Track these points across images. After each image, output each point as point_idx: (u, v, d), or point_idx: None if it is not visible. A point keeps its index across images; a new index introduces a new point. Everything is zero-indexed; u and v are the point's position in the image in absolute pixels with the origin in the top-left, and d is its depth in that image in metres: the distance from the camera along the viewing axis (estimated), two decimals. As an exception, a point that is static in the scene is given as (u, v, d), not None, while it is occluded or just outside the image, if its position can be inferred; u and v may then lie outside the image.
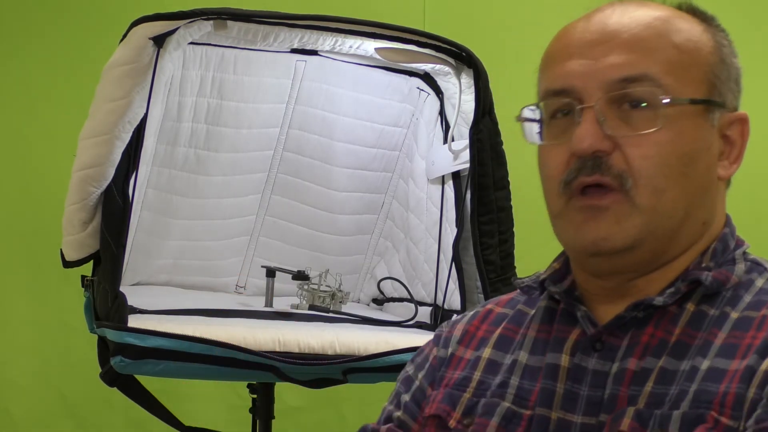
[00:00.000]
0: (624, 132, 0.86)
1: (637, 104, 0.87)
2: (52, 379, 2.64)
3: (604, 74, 0.87)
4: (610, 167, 0.86)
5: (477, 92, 1.71)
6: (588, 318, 0.90)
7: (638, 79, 0.87)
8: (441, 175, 1.88)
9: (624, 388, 0.84)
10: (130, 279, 1.95)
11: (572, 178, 0.87)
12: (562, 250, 0.98)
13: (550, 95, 0.93)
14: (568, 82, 0.90)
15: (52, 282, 2.53)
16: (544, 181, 0.93)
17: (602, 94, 0.87)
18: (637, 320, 0.87)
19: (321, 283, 1.92)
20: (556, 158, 0.90)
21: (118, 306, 1.52)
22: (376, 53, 1.78)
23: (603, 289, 0.91)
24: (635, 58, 0.87)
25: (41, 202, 2.58)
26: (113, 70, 1.55)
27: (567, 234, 0.90)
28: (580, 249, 0.89)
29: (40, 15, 2.71)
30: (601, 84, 0.87)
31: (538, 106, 0.95)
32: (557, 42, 0.96)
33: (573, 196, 0.88)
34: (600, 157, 0.86)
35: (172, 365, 1.50)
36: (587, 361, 0.88)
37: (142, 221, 1.94)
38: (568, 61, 0.90)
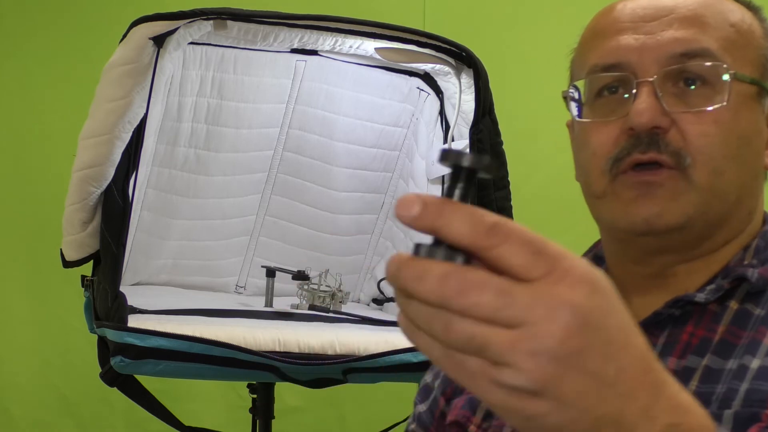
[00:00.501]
0: (682, 108, 0.83)
1: (694, 81, 0.84)
2: (52, 379, 2.64)
3: (661, 49, 0.84)
4: (667, 144, 0.82)
5: (477, 92, 1.71)
6: None
7: (698, 55, 0.84)
8: (441, 175, 1.88)
9: None
10: (130, 279, 1.95)
11: (624, 155, 0.84)
12: (593, 244, 0.95)
13: (600, 70, 0.88)
14: (621, 56, 0.86)
15: (52, 282, 2.53)
16: (585, 160, 0.89)
17: (659, 69, 0.84)
18: (674, 318, 0.84)
19: (321, 283, 1.92)
20: (602, 136, 0.86)
21: (118, 306, 1.52)
22: (376, 53, 1.78)
23: (641, 278, 0.88)
24: (694, 33, 0.84)
25: (41, 202, 2.58)
26: (113, 70, 1.55)
27: (614, 212, 0.86)
28: (630, 227, 0.85)
29: (40, 15, 2.71)
30: (658, 58, 0.84)
31: (575, 86, 0.92)
32: (603, 18, 0.91)
33: (621, 173, 0.84)
34: (657, 134, 0.83)
35: (172, 365, 1.50)
36: None
37: (142, 221, 1.94)
38: (621, 36, 0.86)
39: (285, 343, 1.56)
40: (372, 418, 2.10)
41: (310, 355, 1.56)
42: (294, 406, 2.49)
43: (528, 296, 0.47)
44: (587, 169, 0.89)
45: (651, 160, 0.82)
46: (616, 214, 0.85)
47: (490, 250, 0.47)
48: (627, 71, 0.85)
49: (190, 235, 2.03)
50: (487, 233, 0.47)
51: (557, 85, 2.65)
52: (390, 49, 1.76)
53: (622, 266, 0.89)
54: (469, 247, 0.48)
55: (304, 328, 1.66)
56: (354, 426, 2.56)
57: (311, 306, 1.87)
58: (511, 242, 0.47)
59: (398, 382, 1.68)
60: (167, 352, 1.48)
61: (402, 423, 1.83)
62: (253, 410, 1.80)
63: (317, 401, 2.51)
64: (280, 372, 1.55)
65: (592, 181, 0.88)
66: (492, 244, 0.47)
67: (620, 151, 0.84)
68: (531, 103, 2.36)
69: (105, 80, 1.57)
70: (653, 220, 0.82)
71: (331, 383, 1.62)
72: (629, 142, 0.83)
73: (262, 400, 1.77)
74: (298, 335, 1.58)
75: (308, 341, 1.57)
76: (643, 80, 0.84)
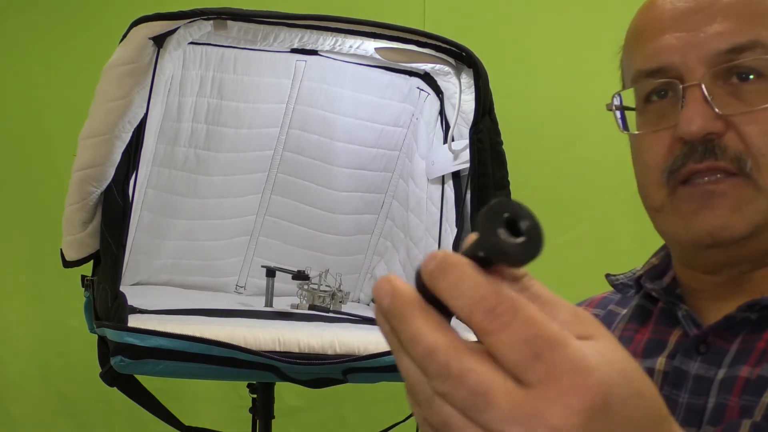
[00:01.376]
0: (737, 109, 0.76)
1: (748, 76, 0.76)
2: (52, 379, 2.64)
3: (706, 46, 0.77)
4: (724, 150, 0.76)
5: (477, 92, 1.71)
6: (690, 318, 0.80)
7: (748, 48, 0.76)
8: (441, 175, 1.88)
9: (735, 398, 0.74)
10: (130, 279, 1.95)
11: (679, 166, 0.77)
12: (662, 244, 0.90)
13: (643, 76, 0.81)
14: (664, 59, 0.78)
15: (52, 282, 2.53)
16: (640, 172, 0.83)
17: (706, 69, 0.76)
18: (750, 322, 0.77)
19: (321, 283, 1.92)
20: (656, 146, 0.79)
21: (118, 306, 1.52)
22: (376, 53, 1.78)
23: (712, 285, 0.81)
24: (741, 24, 0.76)
25: (41, 202, 2.58)
26: (113, 70, 1.55)
27: (674, 227, 0.79)
28: (693, 242, 0.78)
29: (40, 15, 2.71)
30: (704, 57, 0.77)
31: (620, 95, 0.85)
32: (644, 16, 0.83)
33: (679, 185, 0.78)
34: (712, 140, 0.76)
35: (172, 365, 1.50)
36: (688, 364, 0.78)
37: (142, 221, 1.94)
38: (662, 36, 0.79)
39: (285, 343, 1.56)
40: (372, 418, 2.11)
41: (310, 355, 1.56)
42: (294, 406, 2.49)
43: (509, 408, 0.39)
44: (643, 182, 0.83)
45: (708, 168, 0.76)
46: (678, 229, 0.79)
47: (485, 335, 0.40)
48: (672, 75, 0.78)
49: (190, 235, 2.03)
50: (485, 315, 0.40)
51: (557, 85, 2.66)
52: (390, 49, 1.76)
53: (692, 277, 0.84)
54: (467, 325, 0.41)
55: (304, 328, 1.66)
56: (354, 426, 2.55)
57: (311, 306, 1.87)
58: (510, 332, 0.39)
59: (398, 382, 1.68)
60: (167, 352, 1.48)
61: (402, 423, 1.83)
62: (253, 410, 1.80)
63: (317, 401, 2.51)
64: (280, 372, 1.55)
65: (649, 194, 0.82)
66: (489, 330, 0.40)
67: (675, 161, 0.78)
68: (531, 103, 2.36)
69: (105, 80, 1.57)
70: (718, 233, 0.76)
71: (331, 383, 1.62)
72: (683, 152, 0.77)
73: (262, 400, 1.77)
74: (298, 335, 1.58)
75: (308, 341, 1.57)
76: (689, 84, 0.77)
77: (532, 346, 0.39)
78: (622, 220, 2.32)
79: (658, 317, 0.84)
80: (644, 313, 0.86)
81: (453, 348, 0.40)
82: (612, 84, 2.56)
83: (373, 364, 1.58)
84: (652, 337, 0.83)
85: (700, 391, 0.76)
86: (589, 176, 2.35)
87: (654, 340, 0.82)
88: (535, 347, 0.39)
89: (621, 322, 0.87)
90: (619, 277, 0.92)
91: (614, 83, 2.61)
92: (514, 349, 0.39)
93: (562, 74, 2.37)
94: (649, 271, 0.88)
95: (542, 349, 0.39)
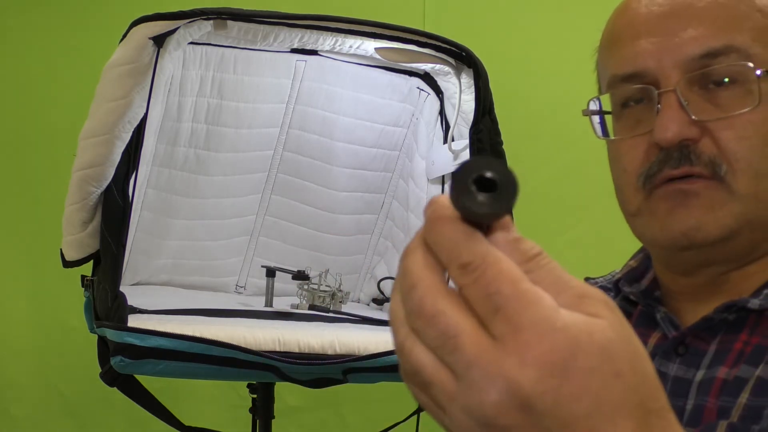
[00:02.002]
0: (712, 114, 0.75)
1: (723, 81, 0.76)
2: (52, 379, 2.64)
3: (681, 51, 0.76)
4: (699, 155, 0.75)
5: (477, 92, 1.71)
6: (669, 320, 0.80)
7: (723, 53, 0.75)
8: (441, 175, 1.88)
9: (713, 399, 0.74)
10: (130, 279, 1.95)
11: (655, 171, 0.77)
12: (640, 247, 0.89)
13: (619, 81, 0.80)
14: (639, 64, 0.78)
15: (52, 282, 2.53)
16: (617, 177, 0.83)
17: (681, 74, 0.76)
18: (727, 323, 0.77)
19: (321, 283, 1.92)
20: (632, 151, 0.79)
21: (118, 306, 1.52)
22: (376, 53, 1.78)
23: (690, 287, 0.81)
24: (716, 29, 0.76)
25: (41, 202, 2.58)
26: (113, 70, 1.55)
27: (651, 228, 0.79)
28: (669, 243, 0.78)
29: (41, 14, 2.71)
30: (678, 62, 0.76)
31: (598, 99, 0.84)
32: (619, 19, 0.83)
33: (654, 188, 0.78)
34: (687, 146, 0.76)
35: (172, 365, 1.50)
36: (667, 366, 0.78)
37: (142, 221, 1.94)
38: (637, 41, 0.78)
39: (285, 343, 1.56)
40: (372, 418, 2.10)
41: (310, 355, 1.56)
42: (294, 406, 2.49)
43: (475, 351, 0.41)
44: (620, 187, 0.83)
45: (684, 174, 0.76)
46: (654, 231, 0.79)
47: (460, 288, 0.42)
48: (647, 80, 0.78)
49: (190, 235, 2.03)
50: (458, 270, 0.42)
51: (557, 85, 2.66)
52: (390, 49, 1.76)
53: (671, 279, 0.84)
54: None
55: (304, 328, 1.66)
56: (354, 426, 2.55)
57: (311, 306, 1.87)
58: (477, 287, 0.42)
59: (398, 382, 1.68)
60: (167, 352, 1.48)
61: (402, 423, 1.83)
62: (253, 410, 1.79)
63: (317, 401, 2.51)
64: (280, 372, 1.55)
65: (626, 199, 0.82)
66: (462, 283, 0.42)
67: (651, 167, 0.78)
68: (531, 103, 2.36)
69: (105, 80, 1.57)
70: (692, 233, 0.76)
71: (331, 383, 1.62)
72: (659, 158, 0.77)
73: (262, 400, 1.77)
74: (298, 335, 1.58)
75: (308, 341, 1.57)
76: (664, 90, 0.76)
77: (495, 301, 0.41)
78: (622, 220, 2.32)
79: (637, 320, 0.84)
80: (625, 316, 0.86)
81: (433, 289, 0.43)
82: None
83: (373, 364, 1.58)
84: None
85: (680, 393, 0.76)
86: (589, 176, 2.34)
87: None
88: (496, 302, 0.41)
89: None
90: (598, 280, 0.92)
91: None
92: (480, 302, 0.42)
93: (562, 74, 2.37)
94: (627, 273, 0.88)
95: (503, 305, 0.41)
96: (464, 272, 0.42)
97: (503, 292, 0.41)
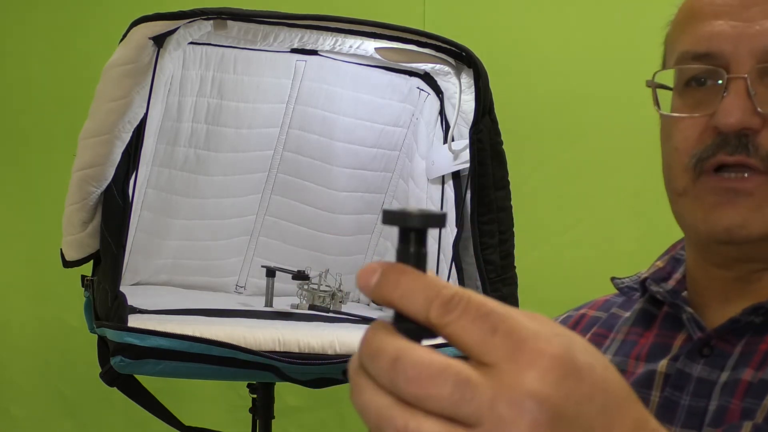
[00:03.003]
0: None
1: None
2: (52, 379, 2.63)
3: (759, 40, 0.75)
4: (757, 147, 0.75)
5: (477, 92, 1.71)
6: (695, 321, 0.80)
7: None
8: (441, 175, 1.88)
9: (737, 401, 0.74)
10: (130, 279, 1.95)
11: (709, 155, 0.76)
12: (671, 245, 0.90)
13: (689, 59, 0.79)
14: (714, 45, 0.77)
15: (52, 282, 2.53)
16: (668, 154, 0.81)
17: (754, 63, 0.75)
18: (754, 326, 0.77)
19: (321, 283, 1.92)
20: (687, 130, 0.78)
21: (118, 306, 1.52)
22: (376, 53, 1.78)
23: (720, 282, 0.81)
24: None
25: (41, 202, 2.58)
26: (113, 69, 1.55)
27: (693, 215, 0.78)
28: (709, 235, 0.78)
29: (41, 14, 2.71)
30: (754, 51, 0.75)
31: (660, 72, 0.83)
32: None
33: (704, 173, 0.77)
34: (746, 135, 0.75)
35: (172, 365, 1.50)
36: (691, 367, 0.78)
37: (142, 221, 1.94)
38: (715, 21, 0.77)
39: (285, 343, 1.56)
40: (372, 418, 2.10)
41: (310, 355, 1.56)
42: (294, 406, 2.49)
43: (490, 388, 0.40)
44: (669, 164, 0.81)
45: (738, 163, 0.75)
46: (697, 219, 0.78)
47: (445, 327, 0.41)
48: (719, 63, 0.77)
49: (190, 235, 2.03)
50: (442, 308, 0.41)
51: (557, 85, 2.65)
52: (390, 49, 1.76)
53: (703, 269, 0.83)
54: (427, 325, 0.42)
55: (304, 328, 1.66)
56: (354, 426, 2.55)
57: (311, 306, 1.87)
58: (466, 318, 0.41)
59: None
60: (167, 352, 1.48)
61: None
62: (253, 410, 1.79)
63: (317, 401, 2.51)
64: (280, 372, 1.55)
65: (673, 177, 0.80)
66: (447, 321, 0.41)
67: (705, 149, 0.77)
68: (531, 103, 2.36)
69: (105, 80, 1.57)
70: (735, 230, 0.76)
71: (331, 383, 1.62)
72: (715, 142, 0.76)
73: (262, 400, 1.77)
74: (298, 335, 1.58)
75: (308, 341, 1.57)
76: (734, 76, 0.76)
77: (491, 320, 0.40)
78: (622, 220, 2.33)
79: (663, 321, 0.84)
80: (648, 317, 0.85)
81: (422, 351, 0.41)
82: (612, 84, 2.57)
83: (373, 364, 1.57)
84: (656, 341, 0.82)
85: (702, 394, 0.76)
86: (589, 176, 2.35)
87: (658, 344, 0.82)
88: (493, 321, 0.40)
89: (624, 325, 0.86)
90: (624, 280, 0.91)
91: (615, 83, 2.61)
92: (475, 328, 0.40)
93: (562, 74, 2.37)
94: (654, 273, 0.87)
95: (501, 322, 0.40)
96: (450, 306, 0.41)
97: (497, 311, 0.41)
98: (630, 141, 2.27)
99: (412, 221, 0.42)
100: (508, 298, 1.67)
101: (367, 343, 0.42)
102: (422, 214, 0.42)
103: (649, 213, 2.23)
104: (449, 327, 0.41)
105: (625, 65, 2.25)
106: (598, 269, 1.02)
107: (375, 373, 0.42)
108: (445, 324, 0.41)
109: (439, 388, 0.40)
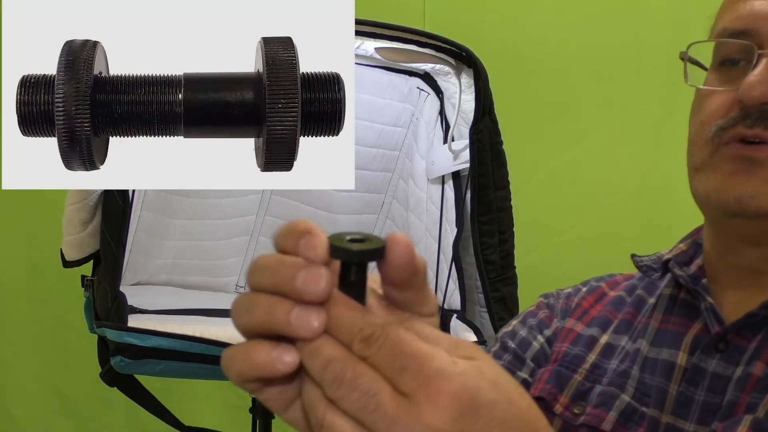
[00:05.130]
0: None
1: None
2: (52, 379, 2.64)
3: None
4: None
5: (477, 92, 1.71)
6: (713, 312, 0.80)
7: None
8: (441, 175, 1.88)
9: (745, 396, 0.74)
10: (130, 279, 1.95)
11: (729, 126, 0.77)
12: (693, 229, 0.90)
13: (727, 35, 0.80)
14: (751, 23, 0.78)
15: (52, 282, 2.53)
16: (693, 128, 0.82)
17: None
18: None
19: (321, 283, 1.92)
20: (714, 104, 0.80)
21: (118, 306, 1.52)
22: (376, 53, 1.78)
23: (737, 271, 0.81)
24: None
25: (41, 202, 2.58)
26: (113, 69, 1.55)
27: (707, 185, 0.79)
28: (720, 205, 0.78)
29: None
30: None
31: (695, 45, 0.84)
32: None
33: (723, 144, 0.77)
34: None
35: (172, 365, 1.50)
36: (707, 362, 0.78)
37: (142, 221, 1.94)
38: (757, 0, 0.79)
39: (285, 343, 1.55)
40: (372, 418, 2.10)
41: (310, 355, 1.56)
42: (294, 406, 2.49)
43: (393, 409, 0.44)
44: (692, 139, 0.82)
45: (756, 136, 0.76)
46: (709, 188, 0.78)
47: (366, 360, 0.45)
48: (754, 41, 0.78)
49: (190, 235, 2.03)
50: (362, 343, 0.46)
51: (557, 85, 2.64)
52: (390, 49, 1.76)
53: (718, 255, 0.83)
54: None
55: (304, 328, 1.66)
56: (354, 426, 2.55)
57: (311, 306, 1.87)
58: (382, 353, 0.45)
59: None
60: (167, 352, 1.48)
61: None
62: (253, 410, 1.80)
63: (317, 401, 2.51)
64: (280, 372, 1.55)
65: (694, 151, 0.81)
66: (366, 355, 0.45)
67: (727, 120, 0.78)
68: (531, 104, 2.36)
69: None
70: (745, 200, 0.75)
71: (331, 383, 1.62)
72: (738, 114, 0.77)
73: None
74: (298, 335, 1.58)
75: (308, 341, 1.57)
76: (765, 52, 0.77)
77: (400, 361, 0.45)
78: (622, 220, 2.32)
79: (680, 308, 0.84)
80: (674, 303, 0.86)
81: (349, 357, 0.45)
82: (612, 84, 2.56)
83: (373, 364, 1.58)
84: (674, 329, 0.83)
85: (717, 390, 0.76)
86: (589, 176, 2.35)
87: (675, 332, 0.82)
88: (402, 362, 0.45)
89: (657, 311, 0.86)
90: (643, 258, 0.91)
91: (615, 83, 2.60)
92: (387, 365, 0.45)
93: (562, 74, 2.37)
94: (678, 255, 0.87)
95: (408, 363, 0.45)
96: (368, 344, 0.45)
97: (406, 352, 0.45)
98: (630, 141, 2.27)
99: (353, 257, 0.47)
100: (508, 298, 1.67)
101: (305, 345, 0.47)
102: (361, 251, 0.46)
103: (649, 213, 2.23)
104: (368, 360, 0.45)
105: (625, 65, 2.25)
106: (598, 269, 1.02)
107: (310, 370, 0.46)
108: (365, 357, 0.45)
109: (351, 392, 0.45)
